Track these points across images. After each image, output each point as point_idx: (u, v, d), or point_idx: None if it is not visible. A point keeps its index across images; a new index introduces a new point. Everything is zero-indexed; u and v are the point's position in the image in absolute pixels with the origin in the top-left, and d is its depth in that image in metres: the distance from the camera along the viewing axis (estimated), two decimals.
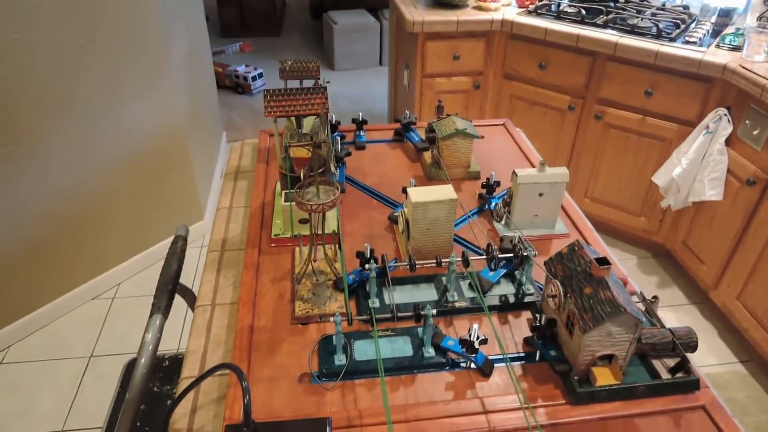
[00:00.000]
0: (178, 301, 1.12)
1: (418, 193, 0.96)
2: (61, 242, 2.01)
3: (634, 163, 2.22)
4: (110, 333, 2.06)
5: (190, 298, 1.21)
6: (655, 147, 2.14)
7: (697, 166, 1.95)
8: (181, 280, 1.10)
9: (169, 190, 2.32)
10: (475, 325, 0.82)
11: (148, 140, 2.15)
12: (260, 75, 3.93)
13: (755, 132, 1.79)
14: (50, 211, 1.94)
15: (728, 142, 1.88)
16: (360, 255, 0.95)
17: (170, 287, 1.03)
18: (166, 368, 1.77)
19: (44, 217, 1.93)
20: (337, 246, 1.03)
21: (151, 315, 0.96)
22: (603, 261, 0.77)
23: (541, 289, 0.96)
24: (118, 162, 2.08)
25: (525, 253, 0.94)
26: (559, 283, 0.80)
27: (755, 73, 1.75)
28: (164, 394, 1.62)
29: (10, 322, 1.98)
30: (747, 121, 1.82)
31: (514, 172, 1.06)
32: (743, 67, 1.80)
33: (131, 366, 1.61)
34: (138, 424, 1.41)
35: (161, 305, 0.98)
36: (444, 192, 0.96)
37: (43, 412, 1.78)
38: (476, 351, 0.81)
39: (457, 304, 0.93)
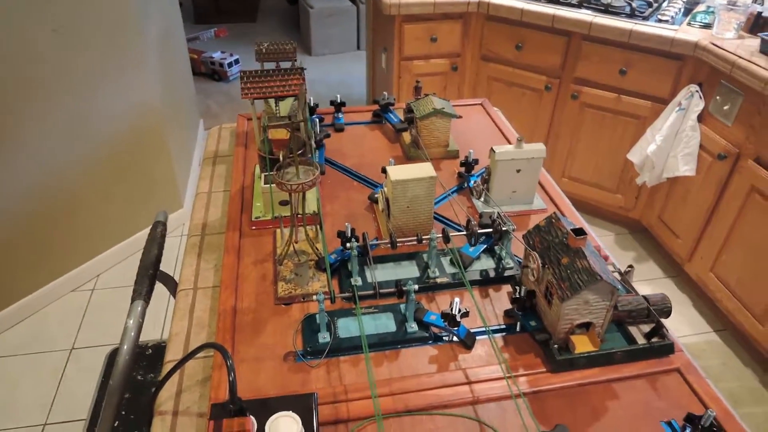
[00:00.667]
0: (160, 290, 1.11)
1: (398, 172, 0.97)
2: (38, 234, 1.97)
3: (610, 142, 2.26)
4: (91, 325, 2.03)
5: (172, 285, 1.20)
6: (630, 125, 2.17)
7: (670, 143, 1.99)
8: (162, 269, 1.09)
9: (148, 179, 2.29)
10: (457, 299, 0.83)
11: (124, 130, 2.11)
12: (236, 61, 3.86)
13: (726, 107, 1.83)
14: (26, 203, 1.90)
15: (700, 118, 1.92)
16: (341, 234, 0.95)
17: (151, 272, 1.02)
18: (150, 357, 1.75)
19: (19, 209, 1.89)
20: (318, 226, 1.04)
21: (133, 301, 0.96)
22: (579, 231, 0.78)
23: (520, 263, 0.98)
24: (94, 152, 2.04)
25: (504, 229, 0.95)
26: (537, 255, 0.82)
27: (725, 50, 1.79)
28: (148, 382, 1.61)
29: None
30: (718, 97, 1.86)
31: (491, 148, 1.07)
32: (714, 44, 1.83)
33: (113, 356, 1.60)
34: (123, 412, 1.40)
35: (142, 291, 0.98)
36: (423, 170, 0.97)
37: (26, 406, 1.76)
38: (458, 324, 0.83)
39: (438, 280, 0.94)
